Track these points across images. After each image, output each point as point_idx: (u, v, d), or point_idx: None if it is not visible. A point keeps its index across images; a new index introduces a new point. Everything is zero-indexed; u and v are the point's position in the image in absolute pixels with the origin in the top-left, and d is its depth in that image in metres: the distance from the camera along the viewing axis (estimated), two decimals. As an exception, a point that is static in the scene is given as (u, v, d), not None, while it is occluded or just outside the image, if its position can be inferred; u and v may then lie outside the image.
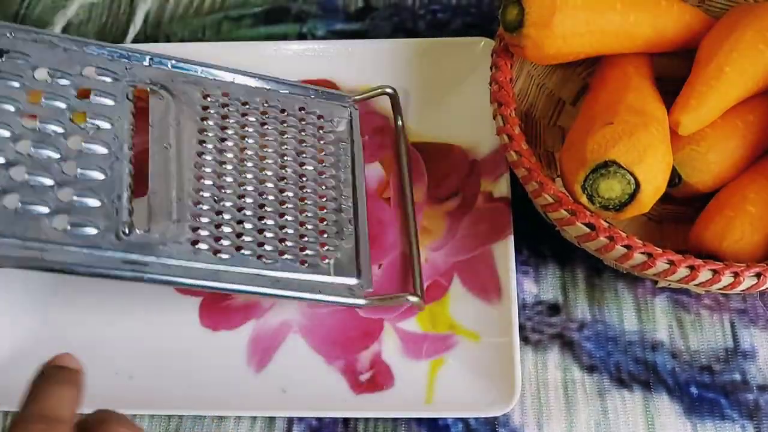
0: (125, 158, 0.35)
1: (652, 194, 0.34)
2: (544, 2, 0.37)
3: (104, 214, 0.33)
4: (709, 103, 0.37)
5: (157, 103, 0.39)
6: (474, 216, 0.42)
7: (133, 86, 0.38)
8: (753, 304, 0.40)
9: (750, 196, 0.36)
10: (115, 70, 0.38)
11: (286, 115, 0.42)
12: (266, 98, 0.42)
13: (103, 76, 0.37)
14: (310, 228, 0.39)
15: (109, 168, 0.35)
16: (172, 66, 0.40)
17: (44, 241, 0.31)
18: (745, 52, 0.37)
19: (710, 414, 0.37)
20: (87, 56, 0.37)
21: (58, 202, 0.33)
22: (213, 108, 0.40)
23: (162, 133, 0.38)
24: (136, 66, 0.39)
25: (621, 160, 0.34)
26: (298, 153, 0.41)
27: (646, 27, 0.40)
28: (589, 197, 0.34)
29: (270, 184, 0.39)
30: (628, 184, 0.34)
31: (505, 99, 0.38)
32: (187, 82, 0.40)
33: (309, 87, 0.44)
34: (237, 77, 0.42)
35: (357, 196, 0.41)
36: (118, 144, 0.36)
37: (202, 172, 0.37)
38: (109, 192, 0.34)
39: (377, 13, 0.51)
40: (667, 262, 0.33)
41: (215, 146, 0.39)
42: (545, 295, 0.41)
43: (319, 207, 0.40)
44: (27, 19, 0.52)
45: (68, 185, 0.33)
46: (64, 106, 0.35)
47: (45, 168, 0.33)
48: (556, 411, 0.37)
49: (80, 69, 0.37)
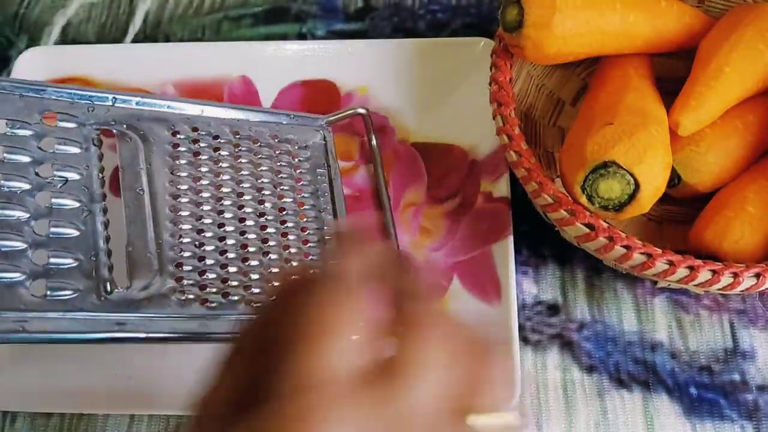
0: (98, 210, 0.34)
1: (652, 194, 0.34)
2: (544, 3, 0.37)
3: (83, 274, 0.32)
4: (709, 104, 0.37)
5: (125, 145, 0.37)
6: (473, 216, 0.42)
7: (97, 130, 0.36)
8: (752, 304, 0.40)
9: (750, 197, 0.36)
10: (77, 114, 0.36)
11: (260, 146, 0.41)
12: (237, 129, 0.40)
13: (66, 122, 0.35)
14: (295, 264, 0.38)
15: (82, 223, 0.33)
16: (136, 104, 0.38)
17: (23, 311, 0.30)
18: (745, 53, 0.37)
19: (709, 414, 0.37)
20: (45, 101, 0.35)
21: (33, 266, 0.31)
22: (184, 145, 0.38)
23: (133, 178, 0.36)
24: (98, 107, 0.36)
25: (620, 161, 0.34)
26: (275, 185, 0.40)
27: (646, 27, 0.40)
28: (588, 197, 0.34)
29: (251, 222, 0.38)
30: (628, 185, 0.34)
31: (504, 99, 0.38)
32: (154, 120, 0.38)
33: (280, 112, 0.43)
34: (205, 109, 0.40)
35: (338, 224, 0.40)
36: (88, 195, 0.34)
37: (179, 216, 0.36)
38: (86, 249, 0.32)
39: (377, 13, 0.51)
40: (667, 263, 0.33)
41: (190, 186, 0.37)
42: (545, 296, 0.40)
43: (302, 241, 0.39)
44: (26, 19, 0.52)
45: (42, 246, 0.31)
46: (27, 160, 0.33)
47: (15, 230, 0.31)
48: (555, 411, 0.37)
49: (39, 116, 0.34)
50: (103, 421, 0.38)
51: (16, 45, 0.51)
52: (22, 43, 0.51)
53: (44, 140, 0.34)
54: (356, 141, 0.45)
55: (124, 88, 0.46)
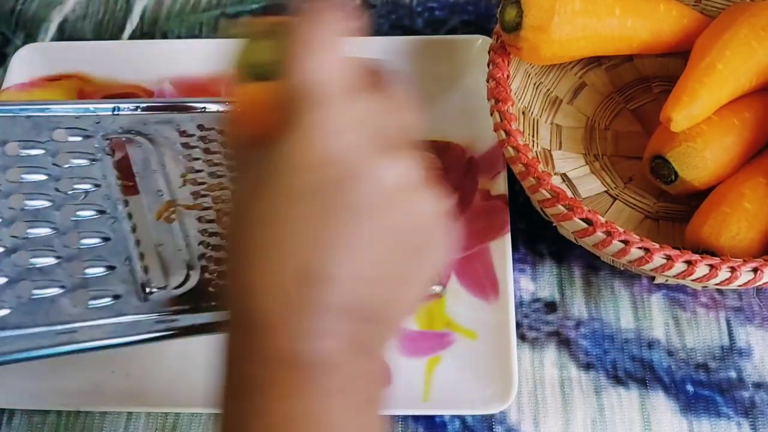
0: (123, 216, 0.34)
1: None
2: (543, 5, 0.37)
3: (120, 279, 0.32)
4: (701, 100, 0.37)
5: (136, 151, 0.37)
6: (471, 214, 0.42)
7: (108, 140, 0.36)
8: (749, 302, 0.40)
9: (746, 193, 0.36)
10: (85, 126, 0.36)
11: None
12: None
13: (75, 136, 0.36)
14: None
15: (111, 230, 0.34)
16: (138, 110, 0.38)
17: (69, 322, 0.30)
18: (738, 50, 0.37)
19: (706, 411, 0.37)
20: (52, 119, 0.36)
21: (70, 279, 0.32)
22: (193, 143, 0.38)
23: (151, 181, 0.36)
24: (103, 118, 0.37)
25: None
26: None
27: (643, 31, 0.40)
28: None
29: None
30: None
31: (502, 96, 0.38)
32: (160, 122, 0.38)
33: None
34: (207, 105, 0.40)
35: None
36: (111, 204, 0.34)
37: (201, 213, 0.36)
38: (118, 255, 0.33)
39: (375, 11, 0.51)
40: (664, 257, 0.33)
41: (205, 181, 0.37)
42: (542, 293, 0.41)
43: None
44: (23, 15, 0.52)
45: (75, 258, 0.32)
46: (45, 177, 0.34)
47: (46, 246, 0.32)
48: (552, 408, 0.37)
49: (49, 134, 0.35)
50: (100, 418, 0.38)
51: (12, 42, 0.51)
52: (19, 40, 0.51)
53: (58, 156, 0.35)
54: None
55: (121, 85, 0.46)
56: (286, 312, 0.21)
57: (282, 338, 0.21)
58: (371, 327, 0.23)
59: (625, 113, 0.45)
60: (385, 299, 0.23)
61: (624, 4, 0.39)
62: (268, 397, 0.22)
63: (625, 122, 0.44)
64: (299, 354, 0.21)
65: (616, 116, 0.45)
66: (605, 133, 0.44)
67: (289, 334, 0.21)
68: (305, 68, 0.22)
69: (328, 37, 0.22)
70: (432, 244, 0.24)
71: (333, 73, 0.22)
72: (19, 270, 0.31)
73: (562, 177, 0.43)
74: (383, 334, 0.24)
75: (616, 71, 0.46)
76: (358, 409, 0.23)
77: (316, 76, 0.22)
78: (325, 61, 0.22)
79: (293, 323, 0.21)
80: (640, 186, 0.42)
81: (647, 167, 0.40)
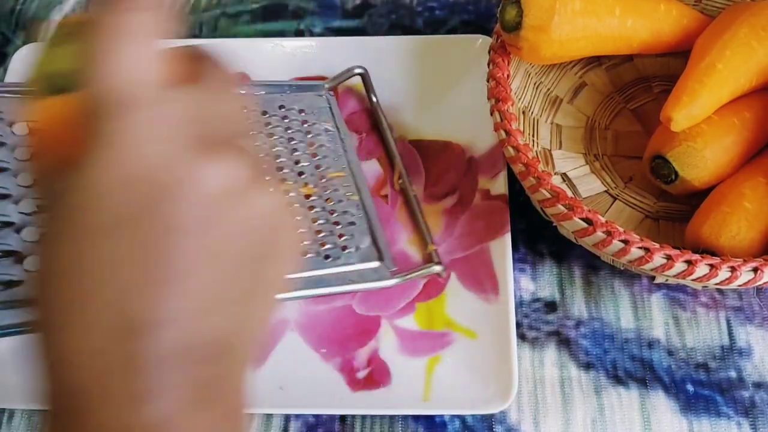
0: None
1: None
2: (543, 5, 0.37)
3: None
4: (701, 100, 0.37)
5: None
6: (471, 214, 0.42)
7: None
8: (749, 301, 0.40)
9: (746, 193, 0.36)
10: None
11: (269, 116, 0.42)
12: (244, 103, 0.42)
13: None
14: (322, 223, 0.39)
15: None
16: None
17: None
18: (738, 50, 0.37)
19: (706, 411, 0.37)
20: None
21: None
22: None
23: None
24: None
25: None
26: (291, 151, 0.41)
27: (643, 31, 0.40)
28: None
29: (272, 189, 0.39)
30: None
31: (502, 95, 0.38)
32: None
33: (283, 83, 0.44)
34: None
35: (357, 180, 0.41)
36: None
37: None
38: None
39: (375, 10, 0.51)
40: (665, 257, 0.33)
41: None
42: (542, 293, 0.41)
43: (326, 200, 0.40)
44: (23, 15, 0.52)
45: None
46: None
47: None
48: (552, 408, 0.37)
49: None
50: (100, 417, 0.37)
51: (12, 42, 0.51)
52: (19, 40, 0.51)
53: None
54: (354, 138, 0.45)
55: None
56: (107, 380, 0.18)
57: (107, 416, 0.18)
58: (212, 367, 0.19)
59: (625, 113, 0.45)
60: (228, 327, 0.20)
61: (624, 3, 0.39)
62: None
63: (626, 122, 0.44)
64: (126, 427, 0.18)
65: (616, 116, 0.45)
66: (605, 133, 0.44)
67: (115, 407, 0.18)
68: (106, 72, 0.18)
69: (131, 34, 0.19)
70: (278, 244, 0.21)
71: (138, 74, 0.19)
72: (27, 245, 0.31)
73: (562, 177, 0.43)
74: (230, 369, 0.20)
75: (617, 71, 0.46)
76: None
77: (118, 80, 0.18)
78: (129, 61, 0.19)
79: (117, 392, 0.18)
80: (640, 186, 0.42)
81: (647, 167, 0.40)
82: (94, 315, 0.18)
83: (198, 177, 0.18)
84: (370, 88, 0.45)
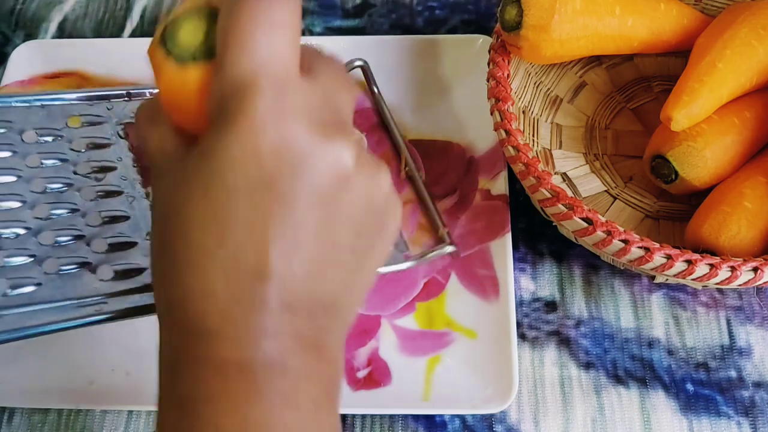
0: (141, 195, 0.35)
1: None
2: (544, 4, 0.37)
3: (143, 253, 0.34)
4: (702, 99, 0.37)
5: None
6: (471, 213, 0.42)
7: (121, 125, 0.38)
8: (749, 301, 0.40)
9: (746, 192, 0.36)
10: (98, 113, 0.37)
11: None
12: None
13: (90, 123, 0.37)
14: None
15: (130, 208, 0.35)
16: (149, 94, 0.39)
17: (97, 296, 0.32)
18: (738, 49, 0.37)
19: (706, 411, 0.37)
20: (66, 107, 0.37)
21: (95, 255, 0.33)
22: None
23: None
24: (115, 104, 0.38)
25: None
26: None
27: (644, 30, 0.40)
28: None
29: None
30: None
31: (502, 95, 0.38)
32: None
33: None
34: None
35: None
36: (129, 183, 0.35)
37: None
38: (139, 231, 0.34)
39: (375, 10, 0.51)
40: (665, 257, 0.33)
41: None
42: (542, 293, 0.41)
43: None
44: (23, 15, 0.52)
45: (98, 236, 0.33)
46: (64, 162, 0.35)
47: (69, 225, 0.33)
48: (552, 408, 0.37)
49: (64, 121, 0.36)
50: (101, 417, 0.38)
51: (12, 41, 0.51)
52: (19, 39, 0.51)
53: (74, 142, 0.36)
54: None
55: (120, 83, 0.46)
56: (226, 315, 0.21)
57: (224, 344, 0.21)
58: (320, 321, 0.22)
59: (625, 112, 0.45)
60: (336, 289, 0.22)
61: (624, 3, 0.39)
62: (214, 409, 0.21)
63: (626, 121, 0.44)
64: (243, 359, 0.21)
65: (616, 115, 0.45)
66: (605, 133, 0.44)
67: (231, 338, 0.21)
68: (243, 53, 0.20)
69: (268, 19, 0.21)
70: (385, 223, 0.23)
71: (273, 58, 0.21)
72: (45, 248, 0.32)
73: (563, 176, 0.43)
74: (334, 326, 0.23)
75: (617, 70, 0.46)
76: (310, 411, 0.22)
77: (255, 63, 0.20)
78: (265, 45, 0.20)
79: (234, 326, 0.21)
80: (640, 185, 0.42)
81: (647, 166, 0.40)
82: (227, 260, 0.20)
83: (322, 157, 0.21)
84: (371, 80, 0.45)
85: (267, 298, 0.21)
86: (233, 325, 0.21)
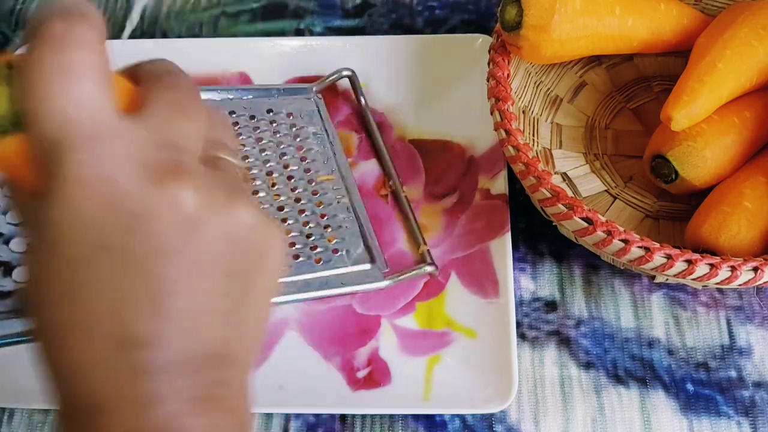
0: None
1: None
2: (544, 4, 0.37)
3: None
4: (701, 99, 0.37)
5: None
6: (471, 213, 0.42)
7: None
8: (749, 301, 0.40)
9: (746, 192, 0.36)
10: None
11: (257, 121, 0.42)
12: (232, 108, 0.42)
13: None
14: (313, 226, 0.39)
15: None
16: None
17: None
18: (738, 49, 0.37)
19: (706, 410, 0.37)
20: None
21: None
22: None
23: None
24: None
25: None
26: (280, 156, 0.41)
27: (644, 30, 0.40)
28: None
29: (263, 194, 0.39)
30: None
31: (502, 94, 0.38)
32: None
33: (270, 87, 0.44)
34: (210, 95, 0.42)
35: (346, 182, 0.41)
36: None
37: None
38: None
39: (375, 10, 0.51)
40: (665, 256, 0.33)
41: None
42: (542, 292, 0.41)
43: (316, 203, 0.40)
44: (23, 15, 0.52)
45: None
46: None
47: None
48: (552, 407, 0.37)
49: None
50: (100, 417, 0.37)
51: (12, 41, 0.51)
52: (19, 39, 0.51)
53: None
54: (354, 137, 0.45)
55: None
56: (114, 387, 0.19)
57: (117, 418, 0.19)
58: (211, 375, 0.20)
59: (625, 112, 0.45)
60: (225, 335, 0.21)
61: (624, 3, 0.39)
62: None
63: (626, 121, 0.44)
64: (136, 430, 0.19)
65: (616, 115, 0.45)
66: (605, 132, 0.44)
67: (124, 411, 0.19)
68: (44, 111, 0.18)
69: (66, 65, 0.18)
70: (262, 253, 0.21)
71: (78, 110, 0.18)
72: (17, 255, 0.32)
73: (563, 176, 0.43)
74: (230, 376, 0.21)
75: (617, 70, 0.46)
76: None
77: (59, 120, 0.18)
78: (66, 97, 0.18)
79: (125, 397, 0.19)
80: (640, 185, 0.42)
81: (647, 166, 0.40)
82: (93, 330, 0.19)
83: (169, 199, 0.19)
84: (359, 91, 0.45)
85: (144, 364, 0.19)
86: (123, 395, 0.19)
